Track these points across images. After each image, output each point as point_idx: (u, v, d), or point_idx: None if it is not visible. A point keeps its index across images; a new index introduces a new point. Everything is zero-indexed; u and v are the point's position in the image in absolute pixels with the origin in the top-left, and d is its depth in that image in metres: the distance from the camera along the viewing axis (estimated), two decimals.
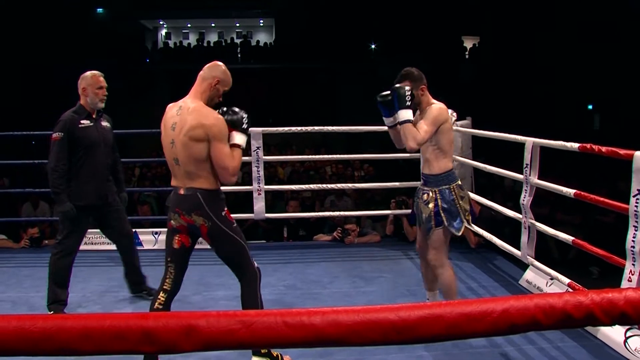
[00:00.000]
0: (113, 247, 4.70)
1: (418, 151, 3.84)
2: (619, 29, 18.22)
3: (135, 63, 22.84)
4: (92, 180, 4.22)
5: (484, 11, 22.62)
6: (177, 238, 3.22)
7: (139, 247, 5.25)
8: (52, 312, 4.20)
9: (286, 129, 6.16)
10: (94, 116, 4.26)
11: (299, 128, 6.09)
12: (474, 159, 6.04)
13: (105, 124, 4.38)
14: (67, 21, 22.04)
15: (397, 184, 6.38)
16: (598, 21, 18.70)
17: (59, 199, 4.15)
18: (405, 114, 3.51)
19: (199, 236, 3.25)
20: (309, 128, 6.09)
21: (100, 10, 25.85)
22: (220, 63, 3.29)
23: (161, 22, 30.93)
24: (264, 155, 6.05)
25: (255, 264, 3.30)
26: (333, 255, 5.96)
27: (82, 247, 4.54)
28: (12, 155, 8.05)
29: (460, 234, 3.76)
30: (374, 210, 6.89)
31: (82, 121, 4.19)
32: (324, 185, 6.74)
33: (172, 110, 3.18)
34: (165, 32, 31.36)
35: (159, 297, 3.22)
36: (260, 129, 5.97)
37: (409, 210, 6.35)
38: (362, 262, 5.64)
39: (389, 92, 3.64)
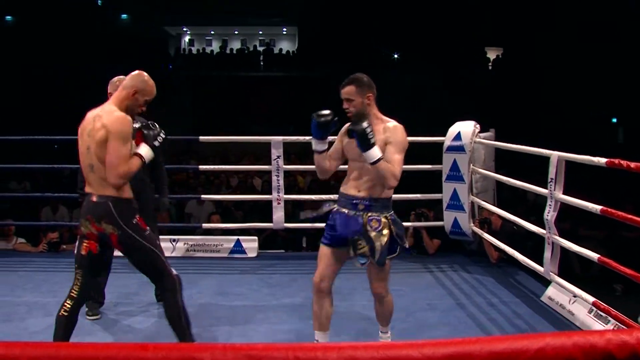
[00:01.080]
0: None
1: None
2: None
3: (158, 69, 22.99)
4: None
5: (507, 22, 22.44)
6: (85, 244, 3.16)
7: None
8: (87, 308, 4.26)
9: (307, 138, 6.09)
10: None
11: None
12: (496, 172, 5.94)
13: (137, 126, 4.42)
14: (91, 27, 22.28)
15: (417, 195, 6.26)
16: (603, 23, 18.58)
17: None
18: (375, 153, 3.17)
19: (110, 245, 3.20)
20: (331, 137, 6.02)
21: (124, 16, 26.13)
22: (143, 72, 3.24)
23: (184, 29, 31.17)
24: (284, 164, 6.00)
25: (174, 272, 3.22)
26: (352, 266, 5.86)
27: None
28: (35, 158, 8.06)
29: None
30: None
31: None
32: None
33: (90, 117, 3.13)
34: (189, 39, 31.58)
35: (65, 304, 3.14)
36: (281, 138, 5.93)
37: (430, 223, 6.27)
38: None
39: (329, 112, 3.42)
